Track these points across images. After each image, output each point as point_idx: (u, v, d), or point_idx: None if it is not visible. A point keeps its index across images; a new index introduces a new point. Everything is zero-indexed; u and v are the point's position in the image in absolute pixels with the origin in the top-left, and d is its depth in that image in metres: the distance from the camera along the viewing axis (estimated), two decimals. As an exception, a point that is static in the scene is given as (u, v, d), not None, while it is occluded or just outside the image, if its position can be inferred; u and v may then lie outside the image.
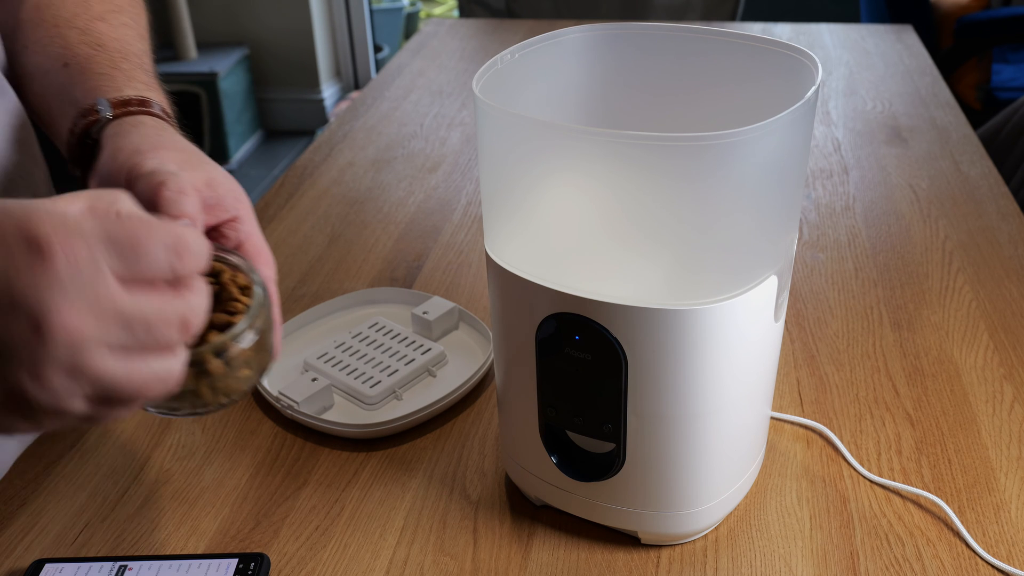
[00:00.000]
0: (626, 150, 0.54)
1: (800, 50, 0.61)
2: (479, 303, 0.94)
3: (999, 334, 0.87)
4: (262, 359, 0.53)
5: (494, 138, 0.58)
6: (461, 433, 0.77)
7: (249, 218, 0.56)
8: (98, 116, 0.60)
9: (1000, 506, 0.68)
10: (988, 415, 0.77)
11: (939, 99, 1.44)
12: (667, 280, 0.58)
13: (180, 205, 0.51)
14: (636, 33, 0.67)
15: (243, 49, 3.44)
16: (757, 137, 0.52)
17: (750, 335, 0.59)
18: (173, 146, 0.57)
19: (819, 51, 1.65)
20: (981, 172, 1.20)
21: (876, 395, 0.80)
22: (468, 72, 1.60)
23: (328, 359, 0.82)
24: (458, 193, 1.18)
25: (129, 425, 0.78)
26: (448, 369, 0.83)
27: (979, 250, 1.02)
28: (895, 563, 0.64)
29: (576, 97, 0.69)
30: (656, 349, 0.57)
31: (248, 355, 0.51)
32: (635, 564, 0.65)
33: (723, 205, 0.55)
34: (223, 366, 0.49)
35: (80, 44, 0.67)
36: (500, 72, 0.61)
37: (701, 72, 0.67)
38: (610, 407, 0.60)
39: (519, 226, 0.60)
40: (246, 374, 0.52)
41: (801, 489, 0.70)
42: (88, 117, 0.61)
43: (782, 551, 0.65)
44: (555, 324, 0.58)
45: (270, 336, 0.53)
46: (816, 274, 0.98)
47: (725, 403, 0.60)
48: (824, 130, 1.34)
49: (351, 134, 1.37)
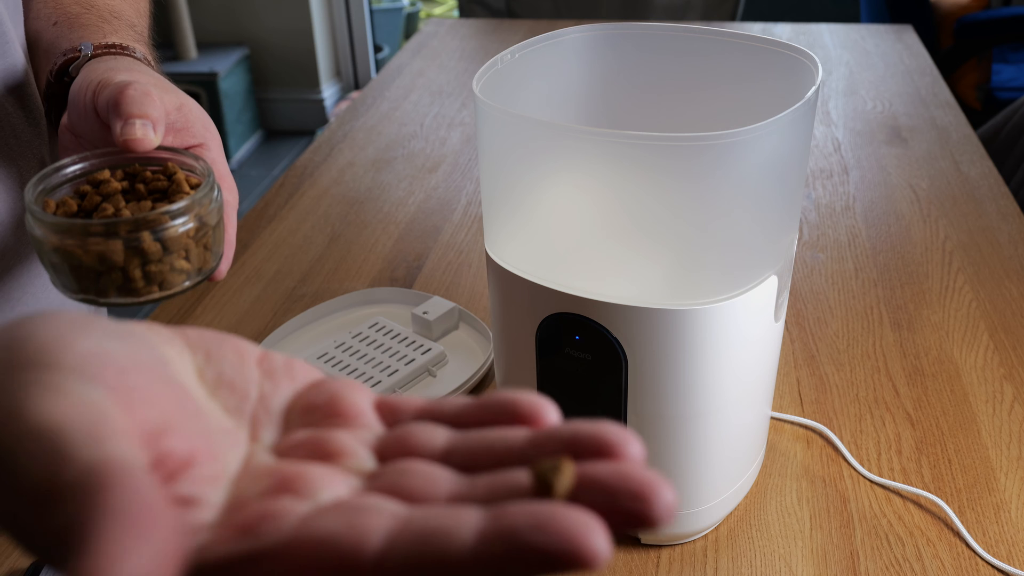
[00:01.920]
0: (626, 150, 0.54)
1: (800, 50, 0.61)
2: (479, 303, 0.94)
3: (999, 334, 0.87)
4: (203, 257, 0.51)
5: (494, 138, 0.58)
6: (461, 433, 0.77)
7: (216, 146, 0.56)
8: (79, 54, 0.59)
9: (1000, 506, 0.68)
10: (988, 415, 0.77)
11: (939, 99, 1.44)
12: (667, 280, 0.58)
13: (143, 105, 0.51)
14: (636, 33, 0.67)
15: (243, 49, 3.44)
16: (757, 137, 0.52)
17: (750, 335, 0.59)
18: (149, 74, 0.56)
19: (819, 51, 1.65)
20: (981, 172, 1.20)
21: (876, 395, 0.80)
22: (468, 72, 1.60)
23: (328, 359, 0.82)
24: (458, 193, 1.18)
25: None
26: (448, 369, 0.83)
27: (979, 250, 1.02)
28: (895, 563, 0.64)
29: (576, 97, 0.69)
30: (656, 349, 0.57)
31: (187, 243, 0.49)
32: (635, 564, 0.65)
33: (723, 205, 0.55)
34: (159, 248, 0.48)
35: (71, 4, 0.66)
36: (500, 72, 0.61)
37: (701, 72, 0.67)
38: (610, 407, 0.60)
39: (519, 226, 0.60)
40: (183, 266, 0.50)
41: (801, 489, 0.70)
42: (68, 56, 0.60)
43: (782, 551, 0.65)
44: (555, 324, 0.58)
45: (216, 236, 0.52)
46: (816, 274, 0.98)
47: (725, 403, 0.60)
48: (824, 130, 1.34)
49: (351, 134, 1.37)
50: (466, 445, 0.27)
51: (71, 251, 0.48)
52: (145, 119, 0.51)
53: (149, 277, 0.49)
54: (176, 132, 0.54)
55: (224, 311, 0.94)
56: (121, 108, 0.51)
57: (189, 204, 0.49)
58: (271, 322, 0.92)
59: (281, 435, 0.29)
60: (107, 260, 0.48)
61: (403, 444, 0.28)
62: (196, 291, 0.97)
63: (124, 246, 0.48)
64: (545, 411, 0.27)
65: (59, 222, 0.48)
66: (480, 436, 0.27)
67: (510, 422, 0.27)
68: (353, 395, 0.30)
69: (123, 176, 0.52)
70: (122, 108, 0.51)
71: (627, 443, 0.25)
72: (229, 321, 0.92)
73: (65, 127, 0.58)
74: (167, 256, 0.49)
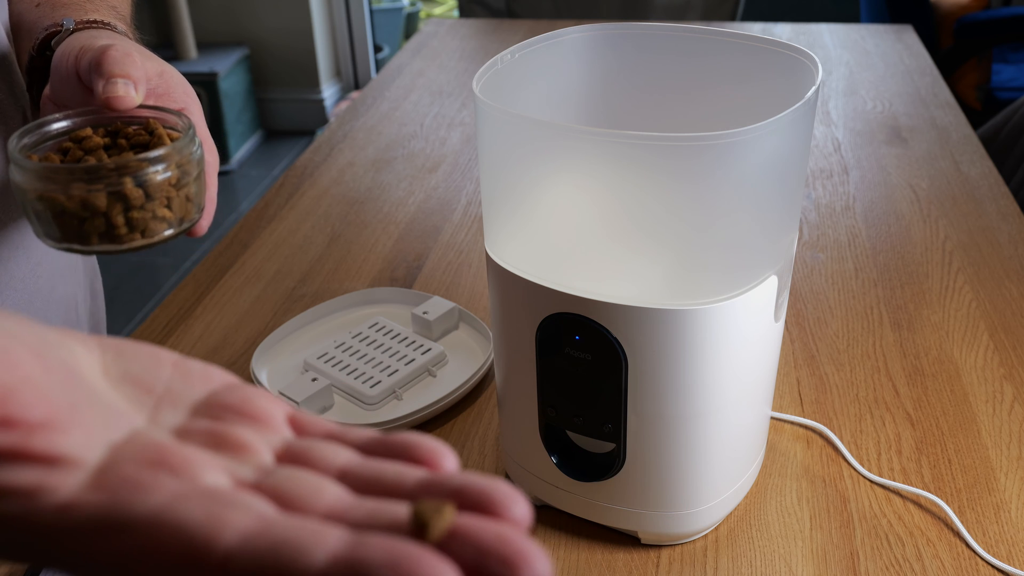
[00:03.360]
0: (626, 150, 0.54)
1: (800, 50, 0.61)
2: (479, 303, 0.94)
3: (999, 334, 0.87)
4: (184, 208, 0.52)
5: (494, 138, 0.58)
6: (461, 433, 0.77)
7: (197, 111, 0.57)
8: (60, 28, 0.60)
9: (1000, 506, 0.68)
10: (988, 415, 0.77)
11: (939, 99, 1.44)
12: (667, 280, 0.58)
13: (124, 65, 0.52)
14: (636, 33, 0.67)
15: (243, 49, 3.44)
16: (757, 137, 0.52)
17: (750, 335, 0.59)
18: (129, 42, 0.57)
19: (819, 51, 1.65)
20: (981, 172, 1.20)
21: (876, 395, 0.80)
22: (468, 72, 1.60)
23: (328, 359, 0.82)
24: (458, 193, 1.18)
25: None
26: (448, 369, 0.83)
27: (979, 250, 1.02)
28: (895, 563, 0.64)
29: (576, 97, 0.69)
30: (656, 349, 0.57)
31: (169, 192, 0.50)
32: (635, 564, 0.65)
33: (723, 205, 0.55)
34: (141, 195, 0.49)
35: None
36: (500, 72, 0.61)
37: (701, 72, 0.67)
38: (610, 407, 0.60)
39: (519, 226, 0.60)
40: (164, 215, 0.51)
41: (801, 489, 0.70)
42: (50, 30, 0.61)
43: (782, 551, 0.65)
44: (555, 324, 0.58)
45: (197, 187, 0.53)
46: (816, 274, 0.98)
47: (725, 403, 0.60)
48: (824, 130, 1.34)
49: (351, 134, 1.37)
50: (362, 471, 0.27)
51: (54, 198, 0.49)
52: (127, 78, 0.52)
53: (131, 224, 0.50)
54: (157, 97, 0.55)
55: (224, 311, 0.94)
56: (103, 68, 0.52)
57: (169, 152, 0.50)
58: (271, 322, 0.92)
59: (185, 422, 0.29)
60: (90, 206, 0.49)
61: (304, 454, 0.28)
62: (196, 291, 0.97)
63: (106, 191, 0.49)
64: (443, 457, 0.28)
65: (42, 167, 0.49)
66: (377, 466, 0.27)
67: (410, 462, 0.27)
68: (267, 402, 0.30)
69: (105, 134, 0.53)
70: (104, 68, 0.52)
71: (513, 504, 0.25)
72: (229, 321, 0.92)
73: (47, 97, 0.59)
74: (149, 203, 0.50)
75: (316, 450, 0.28)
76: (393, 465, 0.27)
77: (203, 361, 0.32)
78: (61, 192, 0.49)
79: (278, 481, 0.26)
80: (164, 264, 2.70)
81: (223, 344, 0.89)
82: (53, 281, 0.71)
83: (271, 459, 0.28)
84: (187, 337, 0.89)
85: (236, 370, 0.85)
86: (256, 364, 0.82)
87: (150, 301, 2.54)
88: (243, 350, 0.88)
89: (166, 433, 0.28)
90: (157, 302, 2.52)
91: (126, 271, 2.63)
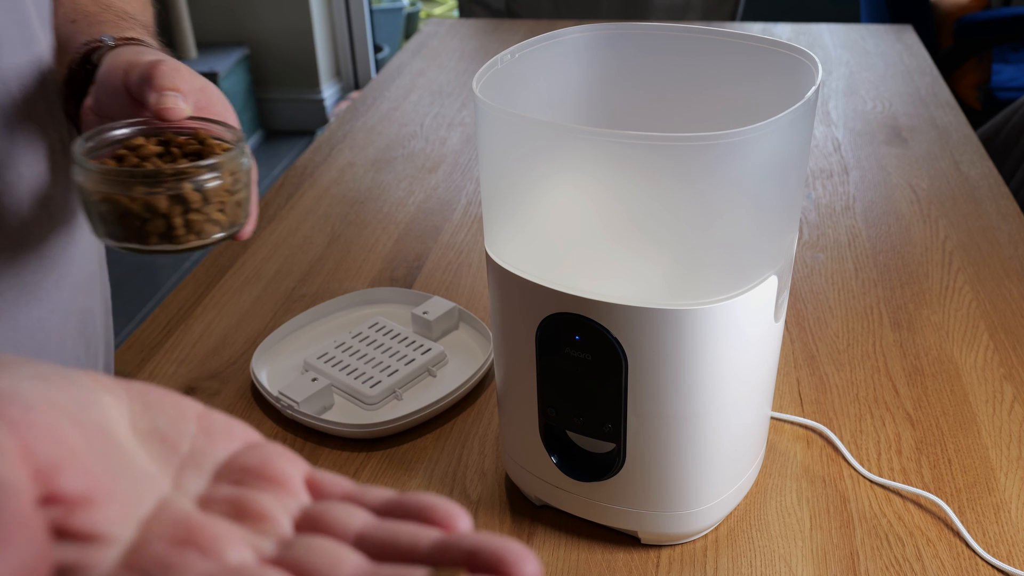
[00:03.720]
0: (626, 150, 0.54)
1: (800, 50, 0.61)
2: (479, 303, 0.94)
3: (999, 334, 0.87)
4: (235, 212, 0.56)
5: (494, 138, 0.58)
6: (461, 433, 0.77)
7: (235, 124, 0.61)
8: (101, 44, 0.64)
9: (1000, 506, 0.68)
10: (988, 415, 0.77)
11: (939, 99, 1.44)
12: (667, 280, 0.58)
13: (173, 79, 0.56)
14: (636, 33, 0.67)
15: (243, 49, 3.44)
16: (757, 137, 0.52)
17: (750, 335, 0.59)
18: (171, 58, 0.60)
19: (819, 51, 1.65)
20: (981, 172, 1.20)
21: (876, 395, 0.80)
22: (468, 72, 1.60)
23: (328, 359, 0.82)
24: (458, 193, 1.18)
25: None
26: (448, 369, 0.83)
27: (979, 250, 1.02)
28: (895, 563, 0.64)
29: (576, 97, 0.69)
30: (656, 349, 0.57)
31: (223, 196, 0.55)
32: (635, 564, 0.65)
33: (723, 205, 0.55)
34: (200, 198, 0.53)
35: (89, 5, 0.70)
36: (500, 72, 0.61)
37: (701, 72, 0.67)
38: (610, 407, 0.60)
39: (519, 226, 0.60)
40: (219, 218, 0.55)
41: (801, 489, 0.70)
42: (90, 44, 0.64)
43: (782, 551, 0.65)
44: (555, 324, 0.58)
45: (245, 194, 0.57)
46: (816, 274, 0.98)
47: (725, 403, 0.60)
48: (824, 130, 1.34)
49: (351, 134, 1.37)
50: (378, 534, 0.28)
51: (118, 199, 0.53)
52: (177, 91, 0.56)
53: (189, 225, 0.54)
54: (199, 110, 0.58)
55: (224, 311, 0.94)
56: (155, 81, 0.56)
57: (225, 160, 0.55)
58: (271, 322, 0.92)
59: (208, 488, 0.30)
60: (152, 207, 0.53)
61: (322, 520, 0.29)
62: (196, 291, 0.97)
63: (167, 194, 0.53)
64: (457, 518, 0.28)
65: (109, 170, 0.53)
66: (394, 528, 0.28)
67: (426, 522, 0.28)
68: (286, 463, 0.31)
69: (157, 143, 0.57)
70: (155, 81, 0.56)
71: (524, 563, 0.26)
72: (229, 321, 0.92)
73: (89, 108, 0.62)
74: (206, 206, 0.54)
75: (333, 514, 0.29)
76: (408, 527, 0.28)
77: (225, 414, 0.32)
78: (125, 194, 0.53)
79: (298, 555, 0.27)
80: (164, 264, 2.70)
81: (223, 344, 0.89)
82: (75, 293, 0.73)
83: (291, 528, 0.29)
84: (187, 337, 0.89)
85: (236, 370, 0.85)
86: (256, 364, 0.82)
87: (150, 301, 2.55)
88: (243, 350, 0.88)
89: (191, 502, 0.29)
90: (157, 302, 2.53)
91: (126, 271, 2.63)
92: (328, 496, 0.30)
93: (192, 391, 0.83)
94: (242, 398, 0.82)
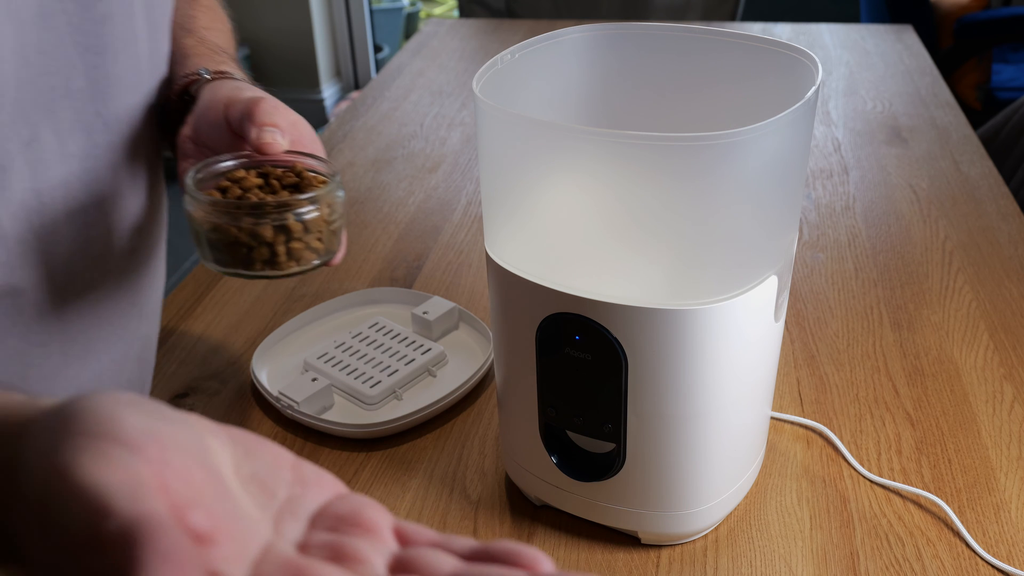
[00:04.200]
0: (626, 150, 0.54)
1: (800, 50, 0.61)
2: (479, 303, 0.94)
3: (999, 334, 0.87)
4: (331, 241, 0.61)
5: (494, 138, 0.58)
6: (461, 433, 0.77)
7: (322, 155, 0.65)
8: (199, 76, 0.69)
9: (1000, 506, 0.68)
10: (988, 415, 0.77)
11: (939, 99, 1.44)
12: (667, 280, 0.58)
13: (273, 115, 0.61)
14: (636, 33, 0.67)
15: (243, 49, 3.44)
16: (757, 137, 0.52)
17: (750, 335, 0.59)
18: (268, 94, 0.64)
19: (819, 51, 1.65)
20: (981, 172, 1.20)
21: (876, 395, 0.80)
22: (468, 72, 1.60)
23: (328, 359, 0.82)
24: (458, 193, 1.18)
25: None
26: (448, 369, 0.83)
27: (979, 250, 1.02)
28: (895, 563, 0.64)
29: (576, 97, 0.69)
30: (656, 349, 0.57)
31: (322, 226, 0.59)
32: (635, 564, 0.65)
33: (723, 205, 0.55)
34: (301, 227, 0.58)
35: (184, 36, 0.74)
36: (500, 72, 0.61)
37: (701, 72, 0.67)
38: (610, 407, 0.60)
39: (519, 226, 0.60)
40: (317, 246, 0.60)
41: (801, 489, 0.70)
42: (189, 77, 0.69)
43: (782, 551, 0.65)
44: (555, 324, 0.58)
45: (340, 223, 0.62)
46: (816, 274, 0.98)
47: (725, 403, 0.60)
48: (824, 130, 1.34)
49: (351, 134, 1.37)
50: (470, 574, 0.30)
51: (228, 229, 0.57)
52: (275, 127, 0.60)
53: (290, 253, 0.59)
54: (292, 144, 0.62)
55: (224, 311, 0.94)
56: (255, 117, 0.60)
57: (324, 193, 0.59)
58: (271, 322, 0.92)
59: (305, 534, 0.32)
60: (258, 236, 0.57)
61: (414, 564, 0.30)
62: (196, 291, 0.97)
63: (273, 224, 0.57)
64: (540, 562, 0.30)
65: (219, 202, 0.58)
66: (482, 570, 0.30)
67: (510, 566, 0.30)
68: (375, 512, 0.33)
69: (257, 175, 0.61)
70: (256, 117, 0.60)
71: None
72: (230, 321, 0.92)
73: (187, 137, 0.66)
74: (306, 235, 0.58)
75: (425, 558, 0.31)
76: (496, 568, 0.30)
77: (315, 465, 0.35)
78: (234, 224, 0.57)
79: None
80: (164, 264, 2.70)
81: (223, 344, 0.89)
82: (151, 323, 0.77)
83: (385, 572, 0.30)
84: (187, 337, 0.89)
85: (236, 370, 0.85)
86: (256, 364, 0.82)
87: (150, 301, 2.54)
88: (243, 350, 0.88)
89: (291, 546, 0.31)
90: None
91: (126, 271, 2.63)
92: (415, 543, 0.32)
93: (192, 391, 0.83)
94: (242, 398, 0.82)
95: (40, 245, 0.60)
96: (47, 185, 0.59)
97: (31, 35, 0.56)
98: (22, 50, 0.55)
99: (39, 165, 0.59)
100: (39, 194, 0.59)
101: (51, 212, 0.60)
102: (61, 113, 0.59)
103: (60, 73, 0.59)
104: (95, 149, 0.63)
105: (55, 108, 0.59)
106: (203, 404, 0.81)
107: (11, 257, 0.58)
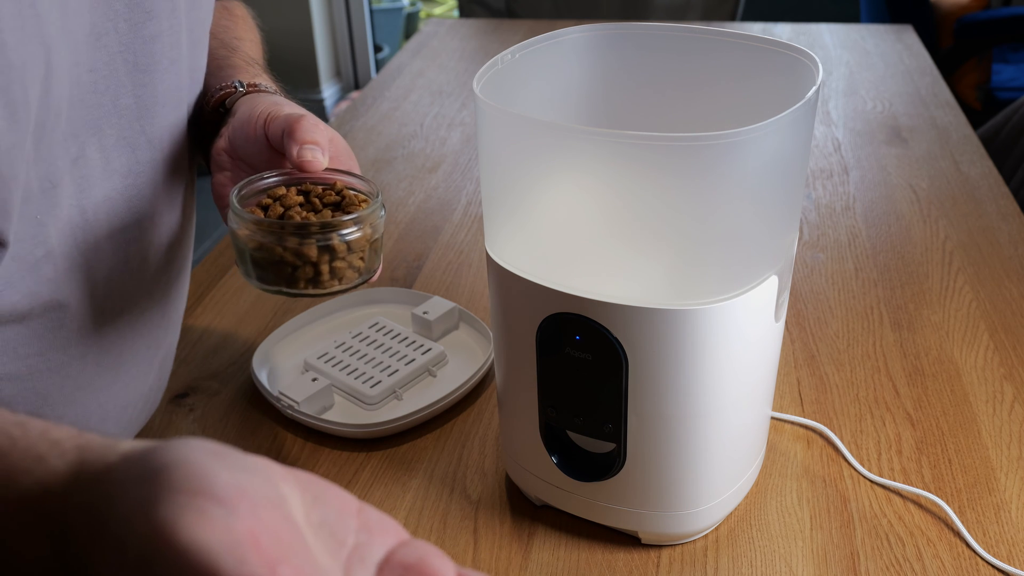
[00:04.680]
0: (626, 150, 0.54)
1: (800, 50, 0.61)
2: (479, 303, 0.94)
3: (999, 334, 0.87)
4: (372, 259, 0.62)
5: (494, 138, 0.58)
6: (461, 433, 0.77)
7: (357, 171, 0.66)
8: (234, 89, 0.69)
9: (1000, 506, 0.68)
10: (988, 415, 0.77)
11: (939, 99, 1.44)
12: (668, 280, 0.58)
13: (314, 133, 0.61)
14: (636, 33, 0.67)
15: (243, 49, 3.44)
16: (757, 137, 0.52)
17: (750, 335, 0.59)
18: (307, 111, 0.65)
19: (819, 51, 1.65)
20: (981, 172, 1.20)
21: (876, 395, 0.80)
22: (468, 72, 1.60)
23: (328, 359, 0.82)
24: (458, 193, 1.18)
25: (129, 425, 0.78)
26: (448, 369, 0.83)
27: (979, 250, 1.02)
28: (895, 563, 0.64)
29: (576, 97, 0.69)
30: (656, 349, 0.57)
31: (363, 245, 0.60)
32: (635, 564, 0.65)
33: (723, 205, 0.55)
34: (345, 247, 0.58)
35: (219, 48, 0.75)
36: (500, 72, 0.61)
37: (701, 72, 0.67)
38: (610, 407, 0.60)
39: (519, 226, 0.60)
40: (359, 264, 0.60)
41: (801, 489, 0.70)
42: (224, 90, 0.70)
43: (782, 551, 0.65)
44: (555, 324, 0.58)
45: (380, 243, 0.62)
46: (816, 274, 0.98)
47: (725, 403, 0.60)
48: (824, 130, 1.34)
49: (351, 134, 1.37)
50: None
51: (273, 248, 0.58)
52: (315, 145, 0.61)
53: (333, 272, 0.59)
54: (329, 161, 0.63)
55: (224, 311, 0.94)
56: (296, 135, 0.61)
57: (367, 214, 0.60)
58: (271, 322, 0.92)
59: None
60: (303, 255, 0.58)
61: None
62: (196, 291, 0.97)
63: (317, 244, 0.58)
64: None
65: (264, 221, 0.58)
66: None
67: None
68: (438, 560, 0.34)
69: (297, 192, 0.62)
70: (297, 135, 0.61)
71: None
72: (230, 321, 0.92)
73: (222, 149, 0.67)
74: (349, 255, 0.59)
75: None
76: None
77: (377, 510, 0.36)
78: (279, 244, 0.58)
79: None
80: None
81: (223, 344, 0.89)
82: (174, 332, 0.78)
83: None
84: (187, 337, 0.89)
85: (236, 370, 0.85)
86: (256, 364, 0.82)
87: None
88: (243, 350, 0.88)
89: None
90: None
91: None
92: None
93: (192, 391, 0.83)
94: (242, 398, 0.82)
95: (84, 261, 0.61)
96: (91, 202, 0.60)
97: (84, 54, 0.56)
98: (75, 69, 0.55)
99: (84, 182, 0.59)
100: (84, 211, 0.59)
101: (94, 229, 0.61)
102: (107, 130, 0.60)
103: (109, 91, 0.59)
104: (137, 166, 0.63)
105: (102, 125, 0.59)
106: (203, 404, 0.81)
107: (58, 274, 0.59)
